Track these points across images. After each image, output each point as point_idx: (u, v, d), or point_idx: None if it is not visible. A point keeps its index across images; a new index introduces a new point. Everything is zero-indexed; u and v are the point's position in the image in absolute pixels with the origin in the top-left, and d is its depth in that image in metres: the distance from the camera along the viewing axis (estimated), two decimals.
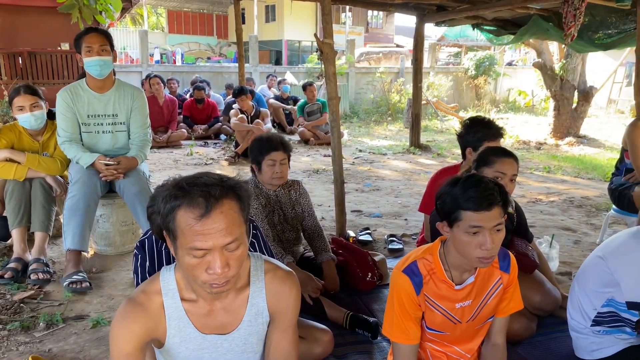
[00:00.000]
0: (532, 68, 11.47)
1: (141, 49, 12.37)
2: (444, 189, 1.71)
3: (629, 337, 2.11)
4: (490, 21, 6.97)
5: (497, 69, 14.67)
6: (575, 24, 4.86)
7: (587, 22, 6.04)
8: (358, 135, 9.97)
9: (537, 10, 6.08)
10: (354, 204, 5.01)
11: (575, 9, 4.75)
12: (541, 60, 9.23)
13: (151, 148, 7.39)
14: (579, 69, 9.01)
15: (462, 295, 1.79)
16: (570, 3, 4.77)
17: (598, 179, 6.28)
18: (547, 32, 6.40)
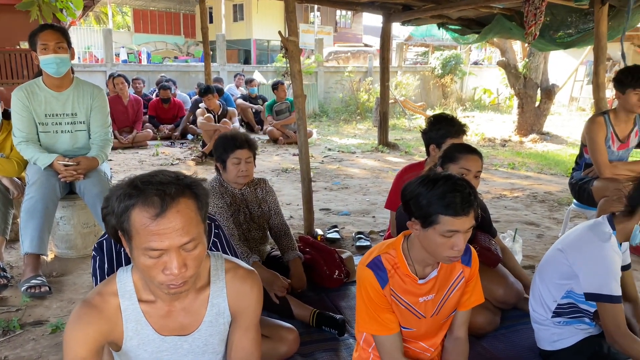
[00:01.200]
0: (496, 67, 11.70)
1: (105, 48, 12.10)
2: (418, 189, 1.67)
3: (587, 327, 2.17)
4: (455, 20, 7.07)
5: (463, 68, 14.90)
6: (536, 23, 4.97)
7: (548, 22, 6.18)
8: (327, 134, 9.99)
9: (500, 9, 6.20)
10: (323, 202, 5.01)
11: (536, 8, 4.86)
12: (505, 59, 9.41)
13: (116, 149, 7.41)
14: (541, 68, 9.22)
15: (426, 290, 1.80)
16: (531, 2, 4.88)
17: (560, 175, 6.44)
18: (510, 31, 6.53)
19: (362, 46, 21.59)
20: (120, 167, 6.43)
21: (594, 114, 3.67)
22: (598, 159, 3.43)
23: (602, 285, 1.97)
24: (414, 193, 1.66)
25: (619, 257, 2.05)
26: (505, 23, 6.34)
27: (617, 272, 2.02)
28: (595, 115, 3.60)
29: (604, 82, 4.59)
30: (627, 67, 3.37)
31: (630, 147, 3.58)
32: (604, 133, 3.45)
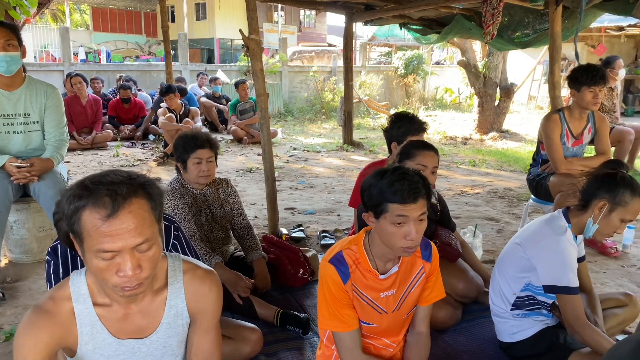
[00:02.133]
0: (457, 66, 11.90)
1: (62, 47, 11.74)
2: (370, 181, 1.72)
3: (545, 319, 2.23)
4: (417, 20, 7.16)
5: (425, 67, 15.12)
6: (494, 23, 5.08)
7: (506, 22, 6.33)
8: (292, 133, 9.97)
9: (460, 9, 6.31)
10: (288, 201, 5.00)
11: (494, 9, 4.97)
12: (465, 58, 9.59)
13: (74, 150, 7.21)
14: (500, 67, 9.43)
15: (387, 285, 1.82)
16: (489, 2, 4.98)
17: (519, 171, 6.60)
18: (470, 31, 6.66)
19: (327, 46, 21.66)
20: (79, 168, 6.25)
21: (550, 111, 3.78)
22: (554, 155, 3.53)
23: (560, 277, 2.03)
24: (366, 185, 1.70)
25: (575, 250, 2.12)
26: (465, 23, 6.46)
27: (574, 264, 2.08)
28: (550, 112, 3.70)
29: (559, 81, 4.73)
30: (581, 65, 3.48)
31: (584, 144, 3.70)
32: (559, 130, 3.55)
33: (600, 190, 2.06)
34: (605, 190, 2.04)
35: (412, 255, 1.86)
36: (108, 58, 16.54)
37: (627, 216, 2.05)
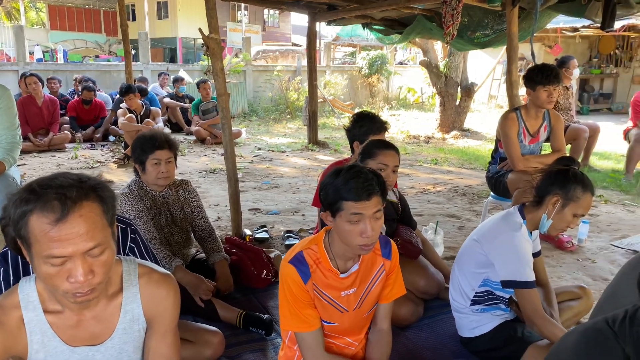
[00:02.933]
0: (420, 66, 12.05)
1: (17, 46, 11.33)
2: (326, 180, 1.74)
3: (503, 313, 2.28)
4: (379, 21, 7.22)
5: (388, 67, 15.26)
6: (453, 24, 5.16)
7: (466, 23, 6.45)
8: (257, 133, 9.91)
9: (421, 10, 6.39)
10: (252, 202, 4.97)
11: (453, 9, 5.05)
12: (427, 58, 9.73)
13: (30, 152, 6.97)
14: (461, 67, 9.61)
15: (347, 284, 1.82)
16: (448, 3, 5.06)
17: (480, 169, 6.74)
18: (431, 31, 6.76)
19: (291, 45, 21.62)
20: (36, 171, 6.05)
21: (507, 110, 3.87)
22: (511, 152, 3.62)
23: (516, 272, 2.08)
24: (323, 185, 1.71)
25: (530, 245, 2.17)
26: (426, 24, 6.56)
27: (529, 259, 2.13)
28: (507, 111, 3.79)
29: (517, 80, 4.84)
30: (537, 65, 3.58)
31: (541, 141, 3.81)
32: (516, 128, 3.64)
33: (553, 187, 2.12)
34: (558, 187, 2.10)
35: (372, 253, 1.88)
36: (65, 57, 16.06)
37: (579, 211, 2.11)
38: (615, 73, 14.83)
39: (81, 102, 8.32)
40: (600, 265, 3.51)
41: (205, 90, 8.37)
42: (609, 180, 5.77)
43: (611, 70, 14.83)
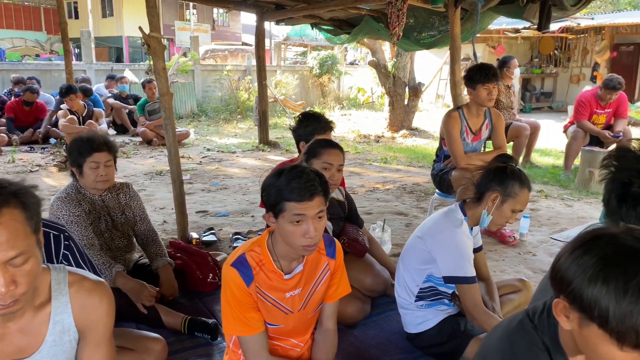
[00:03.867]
0: (369, 67, 12.18)
1: None
2: (268, 181, 1.72)
3: (447, 308, 2.32)
4: (327, 21, 7.24)
5: (339, 67, 15.36)
6: (399, 24, 5.24)
7: (412, 24, 6.57)
8: (206, 134, 9.75)
9: (368, 11, 6.46)
10: (200, 204, 4.88)
11: (398, 10, 5.12)
12: (375, 59, 9.84)
13: None
14: (408, 67, 9.77)
15: (292, 285, 1.81)
16: (393, 4, 5.13)
17: (427, 167, 6.86)
18: (378, 32, 6.84)
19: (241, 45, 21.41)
20: None
21: (450, 109, 3.96)
22: (454, 150, 3.70)
23: (458, 267, 2.13)
24: (265, 185, 1.69)
25: (471, 241, 2.22)
26: (373, 24, 6.63)
27: (470, 254, 2.18)
28: (450, 110, 3.88)
29: (460, 80, 4.96)
30: (475, 64, 3.68)
31: (483, 139, 3.91)
32: (459, 126, 3.73)
33: (492, 183, 2.17)
34: (497, 183, 2.16)
35: (317, 253, 1.87)
36: (2, 56, 15.31)
37: (517, 206, 2.18)
38: (555, 73, 15.49)
39: (21, 103, 7.94)
40: (540, 258, 3.64)
41: (150, 90, 8.15)
42: (549, 176, 6.01)
43: (551, 70, 15.48)
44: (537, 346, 1.12)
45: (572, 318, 1.00)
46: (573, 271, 0.98)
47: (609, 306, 0.91)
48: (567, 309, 1.01)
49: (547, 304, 1.16)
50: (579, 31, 14.54)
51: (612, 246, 0.96)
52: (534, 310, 1.18)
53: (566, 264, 1.00)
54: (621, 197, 1.42)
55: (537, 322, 1.15)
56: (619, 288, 0.90)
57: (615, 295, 0.90)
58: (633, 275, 0.90)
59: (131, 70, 11.73)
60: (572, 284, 0.97)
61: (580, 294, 0.95)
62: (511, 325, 1.19)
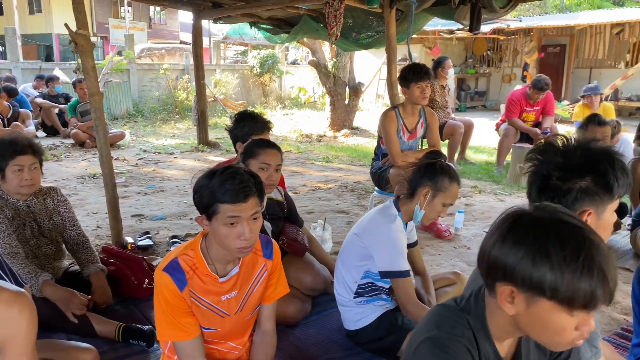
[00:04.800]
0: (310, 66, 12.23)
1: None
2: (201, 182, 1.68)
3: (385, 303, 2.36)
4: (266, 20, 7.20)
5: (280, 67, 15.32)
6: (337, 24, 5.28)
7: (351, 24, 6.64)
8: (143, 135, 9.46)
9: (306, 10, 6.47)
10: (136, 207, 4.73)
11: (336, 10, 5.16)
12: (315, 58, 9.89)
13: None
14: (348, 67, 9.88)
15: (228, 287, 1.78)
16: (330, 4, 5.17)
17: (368, 165, 6.94)
18: (317, 31, 6.87)
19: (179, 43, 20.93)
20: None
21: (387, 108, 4.04)
22: (391, 149, 3.78)
23: (392, 262, 2.17)
24: (197, 187, 1.65)
25: (404, 236, 2.28)
26: (312, 24, 6.65)
27: (404, 249, 2.23)
28: (387, 109, 3.96)
29: (396, 80, 5.07)
30: (408, 64, 3.77)
31: (418, 137, 4.02)
32: (395, 125, 3.81)
33: (423, 179, 2.24)
34: (428, 178, 2.22)
35: (253, 254, 1.85)
36: None
37: (447, 200, 2.25)
38: (488, 73, 16.15)
39: None
40: (474, 251, 3.77)
41: (82, 90, 7.80)
42: (483, 172, 6.25)
43: (484, 70, 16.12)
44: (462, 324, 1.17)
45: (518, 301, 1.06)
46: (513, 257, 1.03)
47: (556, 277, 0.99)
48: (513, 293, 1.06)
49: (474, 291, 1.22)
50: (510, 33, 15.23)
51: (536, 225, 1.04)
52: (461, 297, 1.24)
53: (502, 253, 1.05)
54: (541, 189, 1.49)
55: (463, 306, 1.21)
56: (560, 258, 0.99)
57: (559, 266, 0.98)
58: (567, 243, 0.99)
59: (62, 70, 11.20)
60: (516, 268, 1.03)
61: (528, 275, 1.01)
62: (439, 309, 1.25)
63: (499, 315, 1.14)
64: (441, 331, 1.16)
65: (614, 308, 2.88)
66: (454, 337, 1.14)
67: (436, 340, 1.14)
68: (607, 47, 13.94)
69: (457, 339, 1.14)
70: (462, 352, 1.12)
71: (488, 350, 1.17)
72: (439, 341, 1.14)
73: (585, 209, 1.44)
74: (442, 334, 1.15)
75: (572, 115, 7.40)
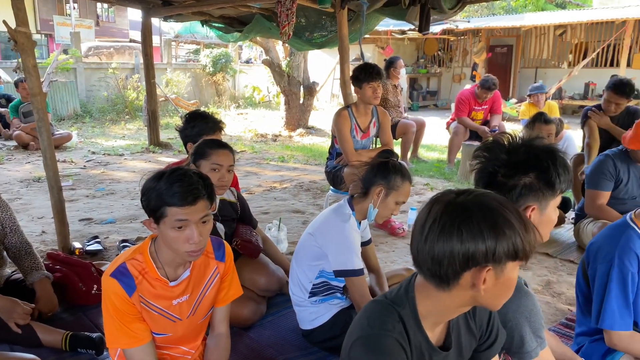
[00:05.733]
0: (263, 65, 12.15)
1: None
2: (148, 184, 1.64)
3: (340, 302, 2.37)
4: (218, 18, 7.10)
5: (233, 66, 15.14)
6: (289, 23, 5.26)
7: (304, 24, 6.63)
8: (91, 136, 9.16)
9: (258, 9, 6.42)
10: (84, 211, 4.57)
11: (288, 9, 5.15)
12: (269, 57, 9.84)
13: None
14: (302, 67, 9.88)
15: (179, 291, 1.75)
16: (282, 3, 5.15)
17: (323, 164, 6.94)
18: (270, 30, 6.83)
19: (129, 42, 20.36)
20: None
21: (340, 108, 4.06)
22: (345, 148, 3.81)
23: (346, 261, 2.18)
24: (144, 190, 1.61)
25: (358, 235, 2.29)
26: (265, 23, 6.61)
27: (357, 248, 2.25)
28: (340, 109, 3.99)
29: (349, 79, 5.10)
30: (360, 64, 3.81)
31: (372, 136, 4.06)
32: (348, 124, 3.84)
33: (376, 178, 2.26)
34: (381, 177, 2.25)
35: (205, 257, 1.82)
36: None
37: (400, 198, 2.28)
38: (439, 72, 16.51)
39: None
40: None
41: (24, 90, 7.45)
42: (434, 169, 6.38)
43: (435, 70, 16.48)
44: (393, 318, 1.20)
45: (489, 277, 1.11)
46: (474, 243, 1.08)
47: (516, 238, 1.09)
48: (485, 273, 1.10)
49: (404, 284, 1.26)
50: (459, 33, 15.63)
51: (474, 208, 1.10)
52: (390, 292, 1.28)
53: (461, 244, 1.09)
54: (487, 185, 1.53)
55: (392, 299, 1.24)
56: (509, 225, 1.09)
57: (517, 228, 1.09)
58: (508, 210, 1.11)
59: (2, 69, 10.69)
60: (485, 250, 1.08)
61: (493, 249, 1.08)
62: (371, 304, 1.28)
63: (431, 303, 1.19)
64: (372, 328, 1.19)
65: (559, 299, 3.00)
66: (384, 332, 1.17)
67: (368, 339, 1.18)
68: (551, 47, 14.52)
69: (388, 334, 1.17)
70: (394, 347, 1.16)
71: (419, 340, 1.22)
72: (370, 339, 1.17)
73: (529, 205, 1.49)
74: (373, 331, 1.18)
75: (519, 113, 7.65)
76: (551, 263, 3.52)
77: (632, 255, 1.84)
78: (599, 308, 1.88)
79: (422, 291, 1.20)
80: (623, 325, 1.84)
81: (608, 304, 1.84)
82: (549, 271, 3.38)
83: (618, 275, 1.83)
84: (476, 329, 1.36)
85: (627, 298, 1.84)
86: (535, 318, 1.51)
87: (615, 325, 1.84)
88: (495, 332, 1.39)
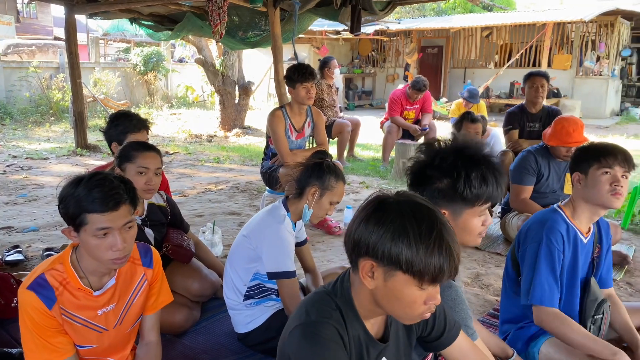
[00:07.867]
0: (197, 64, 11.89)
1: None
2: (66, 190, 1.55)
3: (275, 303, 2.35)
4: (148, 16, 6.89)
5: (166, 65, 14.73)
6: (221, 22, 5.19)
7: (237, 23, 6.56)
8: (12, 139, 8.64)
9: (189, 7, 6.29)
10: (4, 219, 4.30)
11: (219, 8, 5.07)
12: (202, 56, 9.65)
13: None
14: (237, 66, 9.76)
15: (104, 301, 1.67)
16: (214, 2, 5.06)
17: (260, 165, 6.93)
18: (202, 29, 6.70)
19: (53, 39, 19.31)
20: None
21: (274, 108, 4.04)
22: (280, 148, 3.79)
23: (279, 263, 2.17)
24: (62, 197, 1.53)
25: (293, 237, 2.29)
26: (196, 21, 6.48)
27: (291, 250, 2.25)
28: (274, 109, 3.96)
29: (283, 79, 5.09)
30: (293, 65, 3.80)
31: (306, 136, 4.07)
32: (283, 125, 3.83)
33: (311, 178, 2.26)
34: (315, 178, 2.25)
35: (131, 264, 1.76)
36: None
37: (334, 198, 2.29)
38: (373, 73, 16.81)
39: None
40: None
41: None
42: (370, 168, 6.49)
43: (370, 70, 16.76)
44: (330, 307, 1.24)
45: (377, 275, 1.15)
46: (375, 235, 1.13)
47: (412, 252, 1.10)
48: (373, 267, 1.15)
49: (341, 275, 1.30)
50: (392, 34, 15.98)
51: (396, 207, 1.15)
52: (328, 284, 1.31)
53: (366, 231, 1.15)
54: (412, 184, 1.61)
55: (329, 290, 1.28)
56: (416, 235, 1.10)
57: (415, 242, 1.10)
58: (421, 223, 1.12)
59: None
60: (377, 245, 1.13)
61: (387, 250, 1.11)
62: (310, 296, 1.31)
63: (363, 294, 1.23)
64: (310, 316, 1.22)
65: (487, 290, 3.13)
66: (322, 319, 1.21)
67: (305, 326, 1.21)
68: (479, 48, 15.14)
69: (325, 321, 1.20)
70: (331, 333, 1.19)
71: (357, 329, 1.25)
72: (308, 327, 1.20)
73: (442, 209, 1.54)
74: (310, 318, 1.21)
75: (450, 112, 7.92)
76: (480, 256, 3.66)
77: (557, 234, 1.98)
78: (528, 286, 1.99)
79: (353, 282, 1.25)
80: (552, 299, 1.96)
81: (537, 280, 1.96)
82: (478, 264, 3.52)
83: (546, 252, 1.97)
84: (415, 324, 1.39)
85: (554, 273, 1.97)
86: (460, 308, 1.57)
87: (545, 300, 1.95)
88: (443, 321, 1.43)
